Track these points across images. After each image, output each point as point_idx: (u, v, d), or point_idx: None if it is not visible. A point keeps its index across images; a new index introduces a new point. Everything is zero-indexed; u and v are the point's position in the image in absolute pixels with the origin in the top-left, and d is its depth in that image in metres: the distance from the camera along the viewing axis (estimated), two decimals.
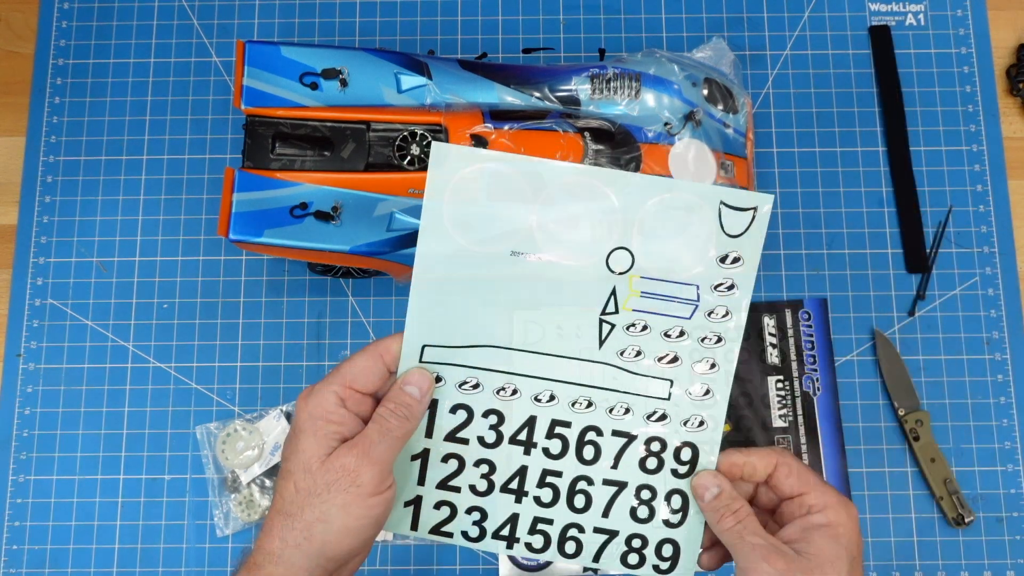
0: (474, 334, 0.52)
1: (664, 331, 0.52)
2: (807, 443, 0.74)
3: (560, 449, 0.53)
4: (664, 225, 0.50)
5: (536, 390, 0.53)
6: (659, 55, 0.73)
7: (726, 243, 0.50)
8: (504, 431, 0.53)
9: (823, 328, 0.76)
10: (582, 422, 0.53)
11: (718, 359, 0.52)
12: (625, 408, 0.53)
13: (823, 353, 0.76)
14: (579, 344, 0.52)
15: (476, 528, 0.54)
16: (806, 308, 0.77)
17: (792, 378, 0.75)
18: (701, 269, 0.51)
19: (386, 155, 0.69)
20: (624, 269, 0.51)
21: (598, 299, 0.51)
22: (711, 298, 0.51)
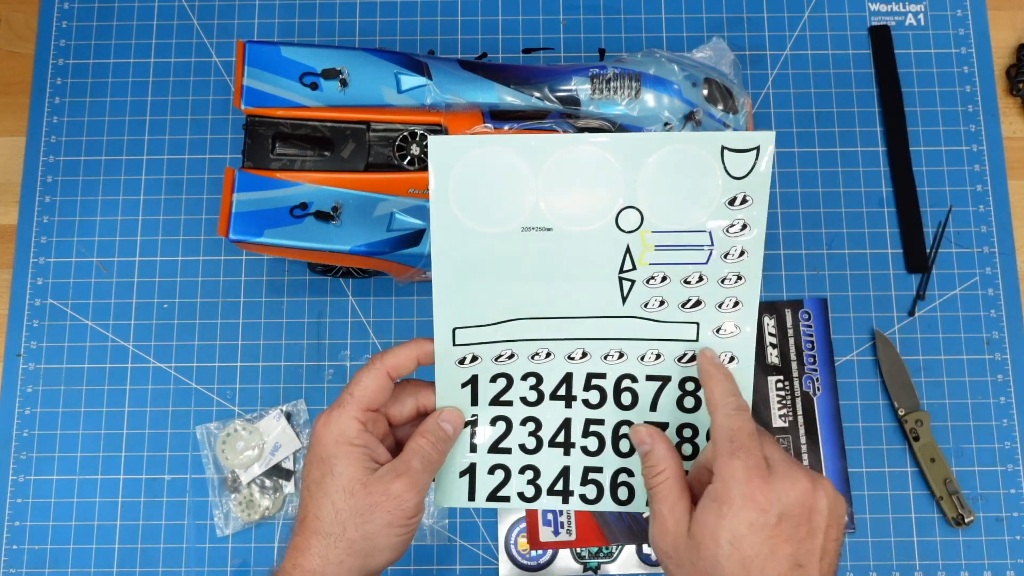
0: (501, 310, 0.54)
1: (683, 278, 0.53)
2: (807, 443, 0.74)
3: (599, 399, 0.55)
4: (668, 178, 0.51)
5: (568, 349, 0.55)
6: (659, 55, 0.73)
7: (733, 185, 0.51)
8: (544, 389, 0.55)
9: (823, 328, 0.76)
10: (616, 372, 0.55)
11: (741, 296, 0.53)
12: (656, 354, 0.54)
13: (823, 353, 0.76)
14: (602, 303, 0.54)
15: (531, 487, 0.56)
16: (806, 308, 0.77)
17: (792, 378, 0.75)
18: (711, 214, 0.52)
19: (386, 155, 0.69)
20: (634, 227, 0.52)
21: (614, 259, 0.53)
22: (725, 240, 0.52)
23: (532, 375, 0.55)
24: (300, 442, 0.74)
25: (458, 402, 0.55)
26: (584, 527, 0.72)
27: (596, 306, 0.54)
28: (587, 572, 0.72)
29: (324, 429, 0.52)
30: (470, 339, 0.54)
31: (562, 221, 0.52)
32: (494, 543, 0.73)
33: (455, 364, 0.55)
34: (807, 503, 0.47)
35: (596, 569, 0.72)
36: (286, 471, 0.74)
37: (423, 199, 0.69)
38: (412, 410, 0.56)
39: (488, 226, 0.52)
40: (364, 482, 0.50)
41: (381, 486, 0.50)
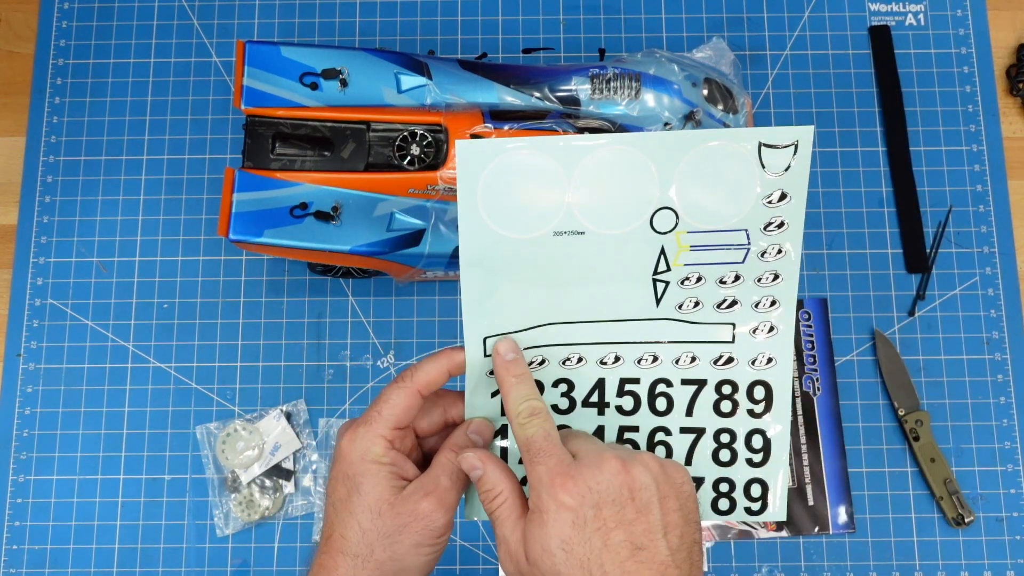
0: (531, 316, 0.52)
1: (719, 278, 0.51)
2: (807, 443, 0.74)
3: (633, 405, 0.53)
4: (704, 177, 0.48)
5: (600, 354, 0.53)
6: (659, 55, 0.73)
7: (770, 182, 0.49)
8: (576, 396, 0.53)
9: (823, 328, 0.76)
10: (650, 376, 0.53)
11: (778, 295, 0.51)
12: (691, 357, 0.53)
13: (823, 353, 0.76)
14: (636, 306, 0.51)
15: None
16: (806, 308, 0.77)
17: (792, 378, 0.75)
18: (748, 212, 0.49)
19: (386, 155, 0.69)
20: (670, 228, 0.50)
21: (648, 261, 0.50)
22: (763, 238, 0.50)
23: (563, 381, 0.53)
24: (300, 442, 0.74)
25: (488, 412, 0.54)
26: None
27: (629, 309, 0.51)
28: None
29: (350, 446, 0.50)
30: None
31: (595, 224, 0.49)
32: (494, 543, 0.73)
33: (486, 374, 0.53)
34: (622, 483, 0.45)
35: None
36: (286, 471, 0.74)
37: (423, 199, 0.69)
38: (440, 421, 0.54)
39: (519, 232, 0.50)
40: (391, 502, 0.49)
41: (409, 506, 0.49)
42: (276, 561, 0.73)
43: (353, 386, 0.76)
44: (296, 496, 0.74)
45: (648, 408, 0.53)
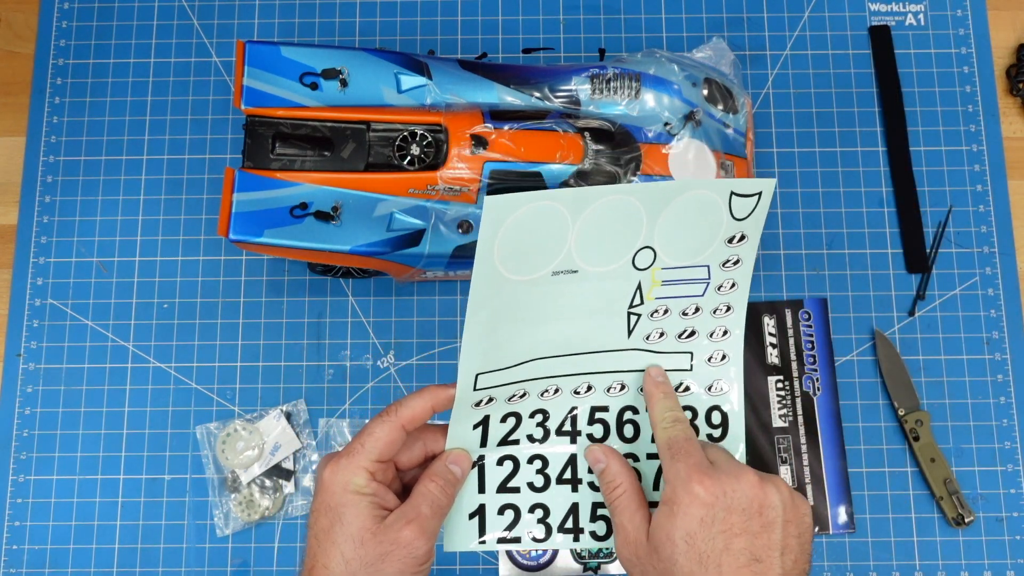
0: (520, 352, 0.54)
1: (682, 310, 0.55)
2: (807, 443, 0.74)
3: (602, 433, 0.56)
4: (682, 220, 0.52)
5: (574, 385, 0.56)
6: (659, 55, 0.73)
7: (734, 226, 0.53)
8: (550, 426, 0.56)
9: (823, 328, 0.76)
10: (618, 404, 0.56)
11: (729, 326, 0.56)
12: None
13: (823, 353, 0.76)
14: (610, 338, 0.55)
15: (541, 526, 0.56)
16: (806, 308, 0.77)
17: (792, 378, 0.75)
18: (712, 251, 0.54)
19: (386, 155, 0.69)
20: (647, 265, 0.53)
21: (625, 295, 0.54)
22: (720, 273, 0.55)
23: (539, 412, 0.56)
24: (300, 442, 0.74)
25: (468, 444, 0.55)
26: None
27: (604, 341, 0.55)
28: (587, 572, 0.72)
29: (332, 477, 0.51)
30: (490, 383, 0.54)
31: (587, 263, 0.52)
32: None
33: (471, 407, 0.54)
34: (755, 496, 0.48)
35: (596, 569, 0.72)
36: (286, 471, 0.74)
37: (423, 199, 0.69)
38: (420, 455, 0.55)
39: (524, 274, 0.52)
40: (374, 531, 0.49)
41: (391, 534, 0.50)
42: (276, 561, 0.73)
43: (353, 386, 0.76)
44: (296, 496, 0.74)
45: (617, 435, 0.56)
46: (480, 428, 0.55)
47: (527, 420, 0.55)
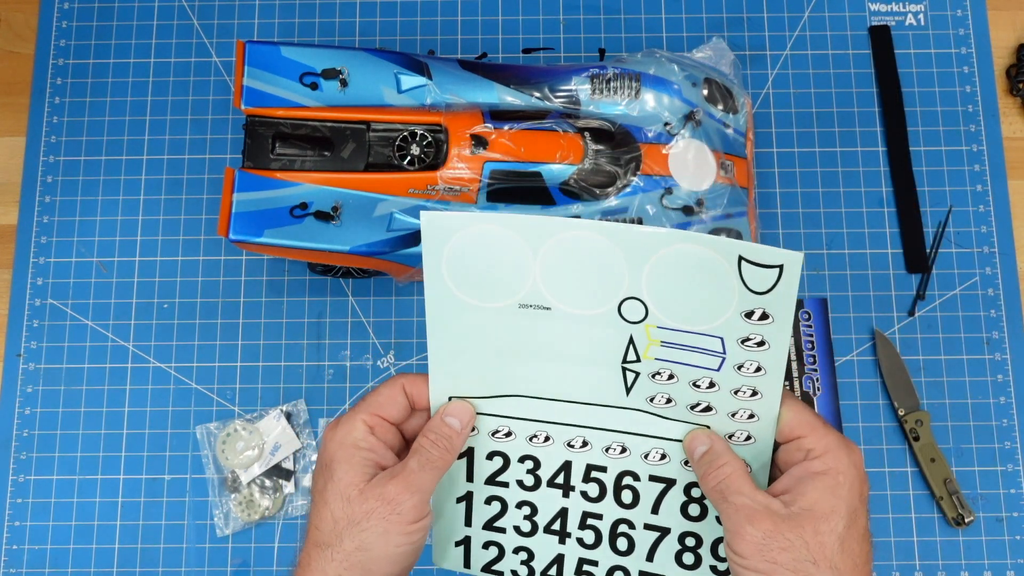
0: (498, 384, 0.51)
1: (692, 381, 0.49)
2: None
3: (598, 493, 0.53)
4: (677, 276, 0.46)
5: (568, 436, 0.52)
6: (659, 55, 0.73)
7: (750, 299, 0.45)
8: (541, 475, 0.53)
9: (823, 328, 0.76)
10: (617, 467, 0.52)
11: (757, 410, 0.49)
12: (661, 454, 0.51)
13: (823, 353, 0.76)
14: (606, 392, 0.50)
15: (525, 568, 0.55)
16: (806, 308, 0.77)
17: (792, 378, 0.75)
18: (724, 321, 0.46)
19: (386, 155, 0.69)
20: (638, 319, 0.47)
21: (617, 348, 0.49)
22: (740, 351, 0.47)
23: (530, 458, 0.53)
24: (300, 442, 0.74)
25: (453, 475, 0.53)
26: None
27: (599, 394, 0.50)
28: None
29: (331, 433, 0.49)
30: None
31: (562, 302, 0.48)
32: None
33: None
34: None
35: None
36: (286, 471, 0.74)
37: (423, 199, 0.69)
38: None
39: (485, 301, 0.48)
40: (361, 488, 0.47)
41: (376, 490, 0.47)
42: (276, 561, 0.73)
43: (353, 386, 0.76)
44: (296, 496, 0.74)
45: (613, 498, 0.53)
46: (465, 459, 0.53)
47: (516, 464, 0.53)
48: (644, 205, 0.70)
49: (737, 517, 0.45)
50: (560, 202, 0.70)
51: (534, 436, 0.52)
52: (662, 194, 0.70)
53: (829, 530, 0.44)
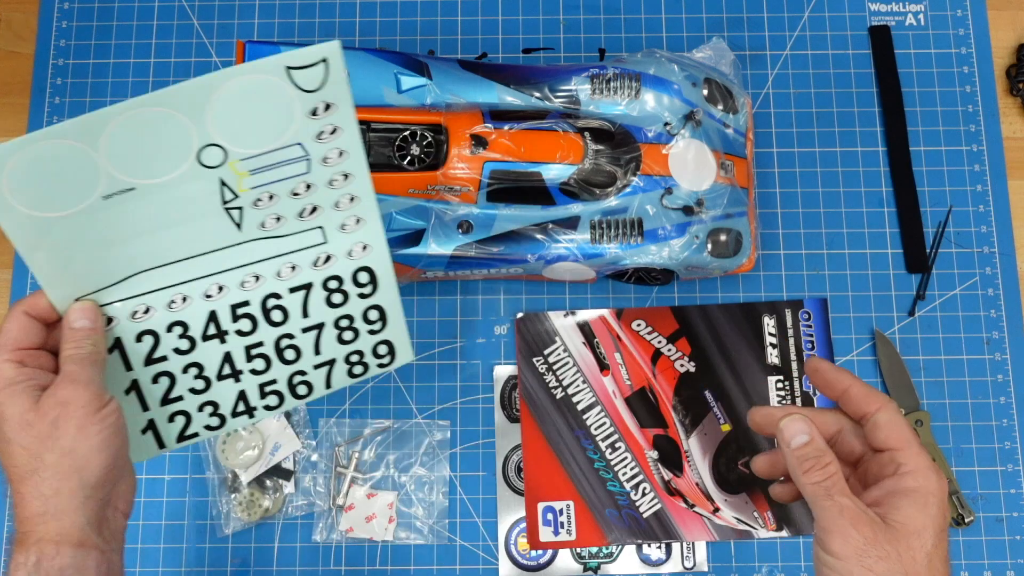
0: (117, 270, 0.54)
1: (291, 191, 0.54)
2: None
3: (251, 326, 0.58)
4: (240, 109, 0.50)
5: (203, 288, 0.56)
6: (659, 55, 0.73)
7: (310, 98, 0.51)
8: (193, 334, 0.57)
9: (823, 328, 0.76)
10: (258, 295, 0.57)
11: (354, 191, 0.55)
12: (291, 266, 0.57)
13: (823, 353, 0.76)
14: (220, 236, 0.54)
15: (216, 418, 0.59)
16: (806, 308, 0.77)
17: (792, 378, 0.75)
18: (295, 128, 0.52)
19: (386, 155, 0.69)
20: (220, 162, 0.52)
21: (212, 194, 0.53)
22: (319, 146, 0.53)
23: (176, 324, 0.56)
24: (300, 442, 0.74)
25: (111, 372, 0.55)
26: (584, 527, 0.72)
27: (215, 240, 0.54)
28: (587, 572, 0.72)
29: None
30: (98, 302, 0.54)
31: (142, 178, 0.51)
32: (494, 543, 0.73)
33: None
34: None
35: (596, 569, 0.72)
36: (286, 471, 0.74)
37: (423, 199, 0.69)
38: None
39: (66, 208, 0.50)
40: (35, 409, 0.49)
41: (51, 401, 0.49)
42: (276, 561, 0.73)
43: (353, 386, 0.76)
44: (296, 496, 0.74)
45: (266, 323, 0.58)
46: (117, 351, 0.55)
47: (166, 335, 0.56)
48: (644, 205, 0.70)
49: (841, 519, 0.45)
50: (560, 202, 0.70)
51: (172, 302, 0.56)
52: (662, 194, 0.70)
53: (920, 546, 0.45)
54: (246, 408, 0.60)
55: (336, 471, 0.74)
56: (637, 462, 0.73)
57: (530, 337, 0.75)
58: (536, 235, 0.70)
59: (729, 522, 0.72)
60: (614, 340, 0.75)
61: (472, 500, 0.74)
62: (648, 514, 0.72)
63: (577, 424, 0.74)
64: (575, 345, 0.75)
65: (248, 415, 0.60)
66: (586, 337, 0.75)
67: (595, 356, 0.75)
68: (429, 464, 0.74)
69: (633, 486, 0.73)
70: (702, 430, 0.74)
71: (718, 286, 0.77)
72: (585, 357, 0.75)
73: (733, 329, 0.76)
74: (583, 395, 0.74)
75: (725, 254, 0.72)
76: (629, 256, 0.70)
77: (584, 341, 0.75)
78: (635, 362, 0.75)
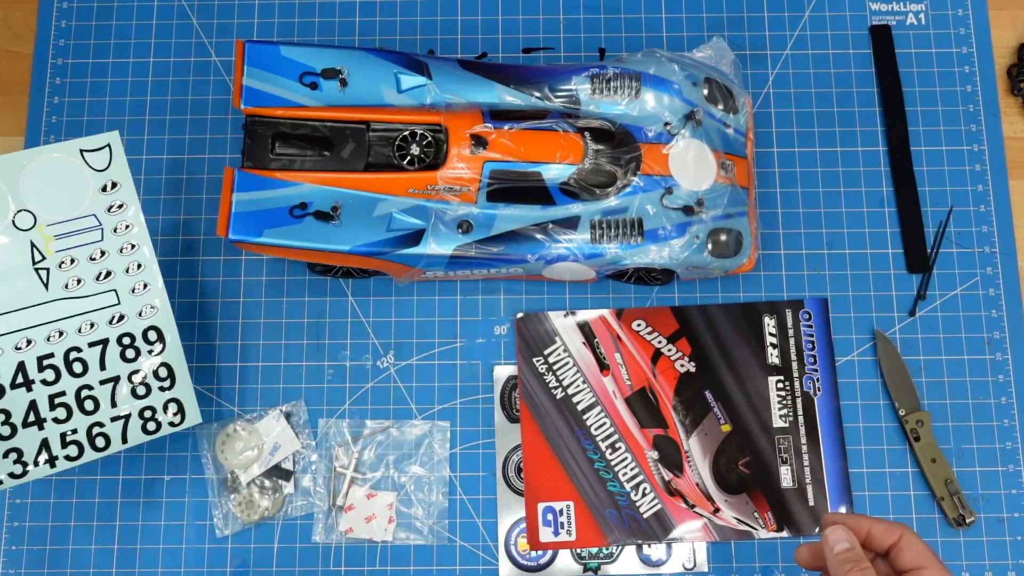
0: None
1: (89, 256, 0.66)
2: (807, 443, 0.74)
3: (55, 376, 0.65)
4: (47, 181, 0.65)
5: (13, 342, 0.65)
6: (659, 55, 0.73)
7: (100, 176, 0.66)
8: (3, 383, 0.64)
9: (824, 328, 0.76)
10: (62, 348, 0.65)
11: (141, 260, 0.67)
12: (91, 323, 0.66)
13: (823, 353, 0.76)
14: (30, 294, 0.65)
15: (18, 466, 0.65)
16: (807, 308, 0.76)
17: (792, 378, 0.75)
18: (91, 201, 0.66)
19: (386, 155, 0.69)
20: (30, 225, 0.64)
21: (23, 254, 0.64)
22: (109, 218, 0.66)
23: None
24: (299, 442, 0.74)
25: None
26: (584, 527, 0.72)
27: (24, 298, 0.65)
28: (587, 573, 0.72)
29: None
30: None
31: None
32: (494, 543, 0.73)
33: None
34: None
35: (596, 570, 0.72)
36: (286, 471, 0.74)
37: (423, 199, 0.69)
38: None
39: None
40: None
41: None
42: (275, 562, 0.73)
43: (353, 386, 0.76)
44: (295, 496, 0.73)
45: (68, 374, 0.65)
46: None
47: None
48: (644, 205, 0.70)
49: None
50: (560, 201, 0.70)
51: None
52: (662, 194, 0.70)
53: None
54: (49, 458, 0.65)
55: (336, 471, 0.73)
56: (637, 462, 0.73)
57: (530, 337, 0.75)
58: (536, 235, 0.70)
59: (729, 522, 0.72)
60: (614, 340, 0.75)
61: (472, 500, 0.74)
62: (648, 514, 0.72)
63: (577, 424, 0.74)
64: (575, 345, 0.75)
65: (51, 464, 0.65)
66: (586, 337, 0.75)
67: (595, 356, 0.75)
68: (429, 464, 0.74)
69: (633, 486, 0.73)
70: (702, 430, 0.74)
71: (718, 286, 0.77)
72: (585, 357, 0.75)
73: (733, 329, 0.76)
74: (583, 395, 0.74)
75: (725, 254, 0.72)
76: (629, 256, 0.70)
77: (584, 341, 0.75)
78: (635, 362, 0.75)
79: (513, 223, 0.70)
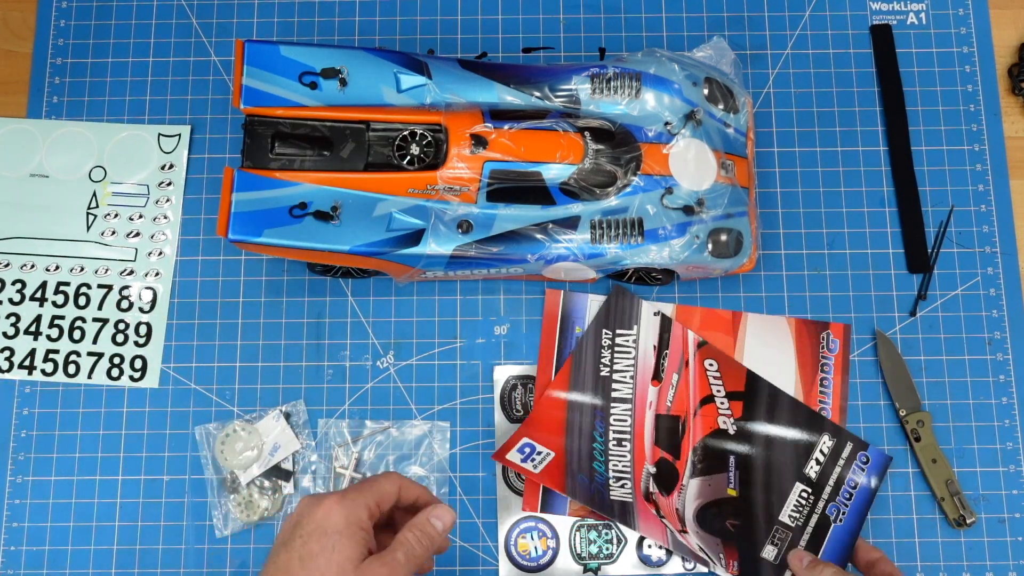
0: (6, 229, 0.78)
1: (129, 216, 0.77)
2: (806, 548, 0.70)
3: (63, 301, 0.76)
4: (127, 148, 0.79)
5: (46, 264, 0.77)
6: (659, 54, 0.73)
7: (164, 157, 0.79)
8: (26, 292, 0.76)
9: (873, 480, 0.72)
10: (77, 281, 0.77)
11: (168, 231, 0.77)
12: (106, 268, 0.77)
13: (861, 498, 0.72)
14: (72, 230, 0.77)
15: (7, 363, 0.75)
16: (868, 452, 0.73)
17: (820, 498, 0.72)
18: (149, 172, 0.78)
19: (386, 155, 0.69)
20: (100, 178, 0.78)
21: (83, 199, 0.78)
22: (158, 191, 0.78)
23: (19, 281, 0.76)
24: (299, 443, 0.74)
25: None
26: (551, 472, 0.70)
27: (68, 232, 0.77)
28: (587, 573, 0.72)
29: (338, 505, 0.54)
30: None
31: (57, 172, 0.78)
32: (494, 544, 0.73)
33: None
34: None
35: (596, 570, 0.72)
36: (285, 472, 0.74)
37: (423, 199, 0.69)
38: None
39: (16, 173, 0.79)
40: (356, 566, 0.53)
41: (370, 571, 0.53)
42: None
43: (353, 386, 0.76)
44: (295, 497, 0.73)
45: (73, 303, 0.76)
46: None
47: (9, 286, 0.76)
48: (644, 205, 0.70)
49: None
50: (560, 201, 0.70)
51: (24, 265, 0.76)
52: (663, 194, 0.70)
53: None
54: (29, 365, 0.75)
55: (335, 472, 0.73)
56: (632, 466, 0.72)
57: (615, 310, 0.74)
58: (536, 235, 0.70)
59: (691, 545, 0.70)
60: (681, 363, 0.74)
61: (472, 501, 0.73)
62: (615, 499, 0.71)
63: (602, 406, 0.73)
64: (646, 344, 0.74)
65: (28, 371, 0.75)
66: (659, 342, 0.74)
67: (656, 364, 0.74)
68: (429, 465, 0.74)
69: (616, 477, 0.71)
70: (708, 480, 0.72)
71: (719, 286, 0.77)
72: (647, 360, 0.74)
73: (790, 423, 0.73)
74: (624, 388, 0.73)
75: (726, 254, 0.72)
76: (629, 256, 0.70)
77: (655, 345, 0.74)
78: (686, 393, 0.74)
79: (513, 223, 0.70)
